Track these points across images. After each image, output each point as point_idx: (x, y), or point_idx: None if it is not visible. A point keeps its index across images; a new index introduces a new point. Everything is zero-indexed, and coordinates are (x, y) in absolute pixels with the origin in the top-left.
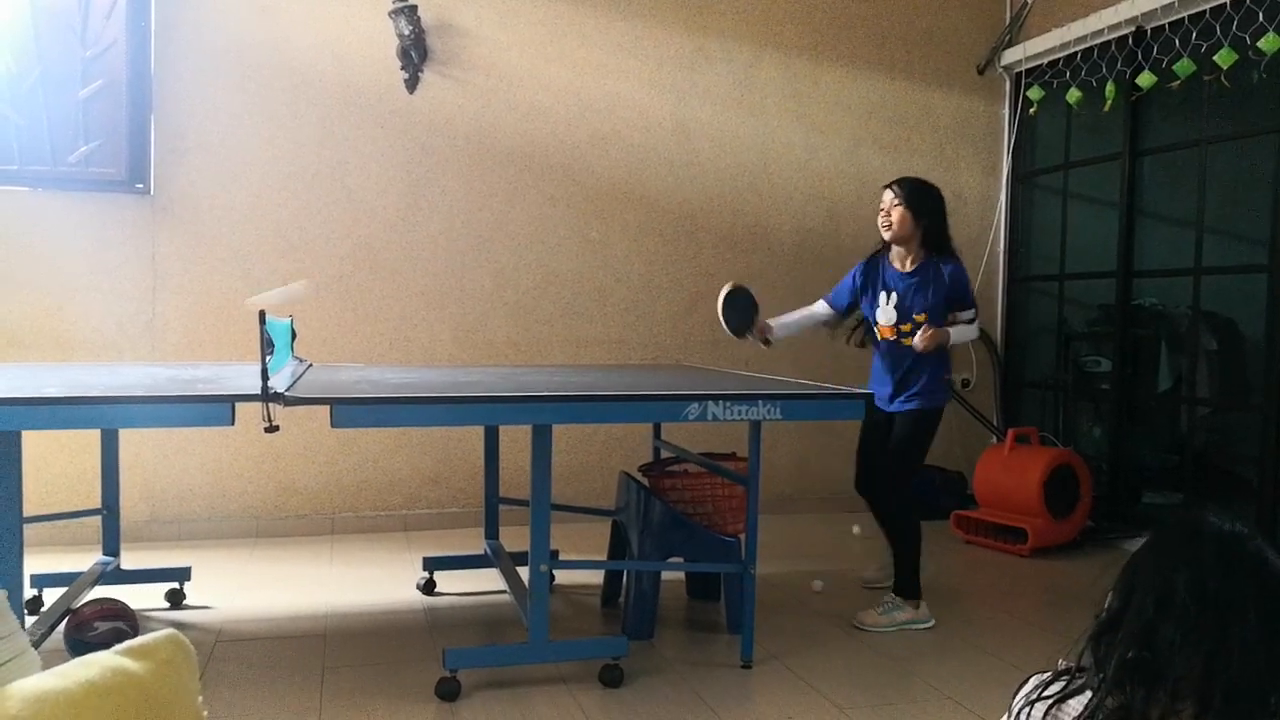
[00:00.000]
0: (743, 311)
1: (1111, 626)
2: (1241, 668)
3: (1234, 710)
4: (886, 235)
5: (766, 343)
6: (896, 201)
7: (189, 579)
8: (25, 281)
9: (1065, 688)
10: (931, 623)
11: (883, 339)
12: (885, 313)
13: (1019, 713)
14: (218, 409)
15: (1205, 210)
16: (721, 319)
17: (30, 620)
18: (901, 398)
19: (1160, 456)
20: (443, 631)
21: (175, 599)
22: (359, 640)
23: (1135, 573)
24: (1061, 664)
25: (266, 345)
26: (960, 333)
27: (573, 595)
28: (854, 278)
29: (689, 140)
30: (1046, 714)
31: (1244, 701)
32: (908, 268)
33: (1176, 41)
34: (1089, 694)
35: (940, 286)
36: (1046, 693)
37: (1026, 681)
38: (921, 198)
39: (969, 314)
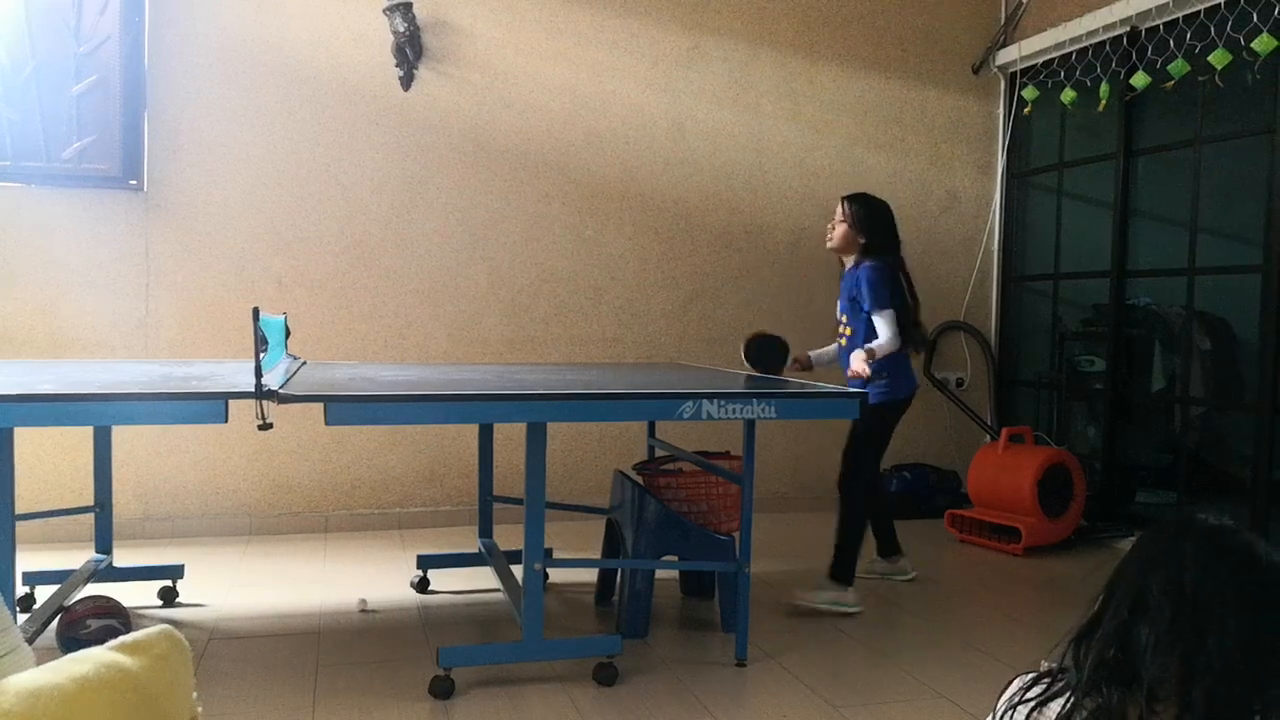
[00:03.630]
0: (770, 354)
1: (1092, 628)
2: (1222, 671)
3: (1216, 715)
4: (828, 246)
5: (807, 369)
6: (842, 219)
7: (182, 576)
8: (18, 278)
9: (1047, 690)
10: (858, 609)
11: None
12: (838, 318)
13: (1002, 716)
14: (211, 406)
15: (1199, 210)
16: (749, 364)
17: (23, 618)
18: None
19: (1154, 456)
20: (437, 630)
21: (168, 597)
22: (353, 638)
23: (1119, 573)
24: (1044, 665)
25: (260, 342)
26: (879, 346)
27: (567, 593)
28: None
29: (684, 138)
30: (1029, 717)
31: (1226, 706)
32: (845, 271)
33: (1171, 42)
34: (1070, 695)
35: (855, 287)
36: (1029, 695)
37: (1010, 683)
38: (866, 219)
39: (879, 316)
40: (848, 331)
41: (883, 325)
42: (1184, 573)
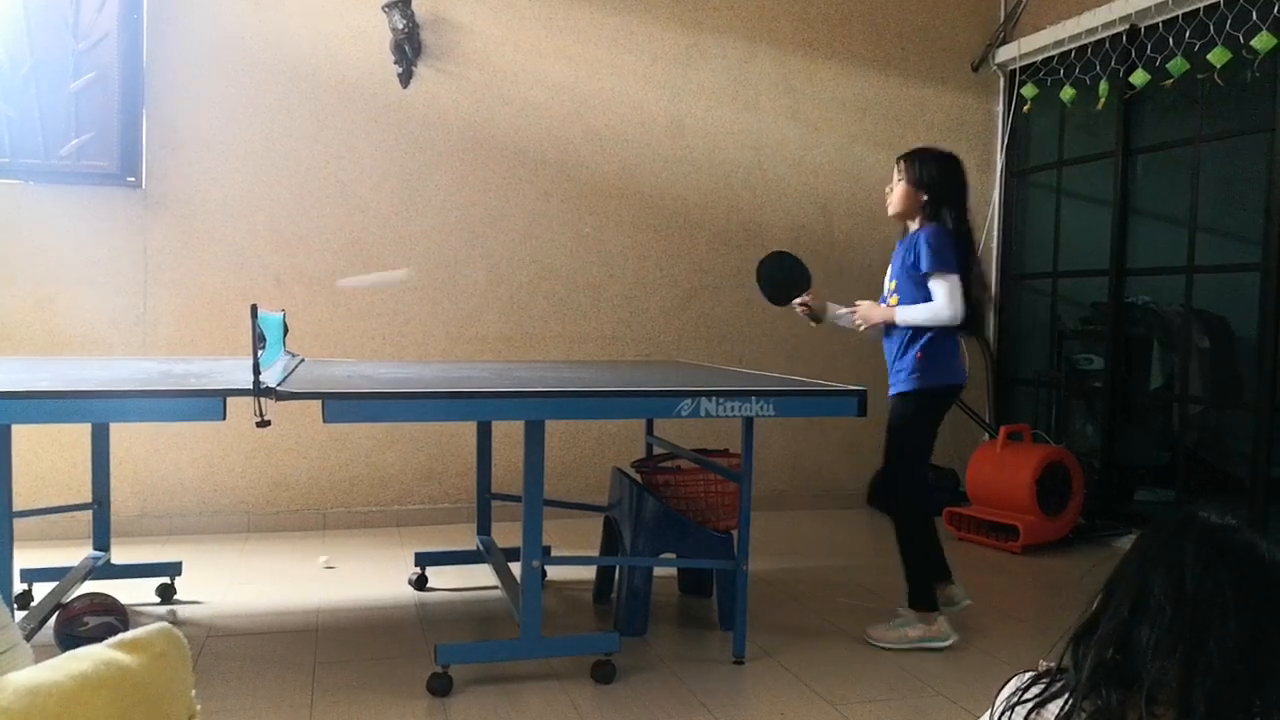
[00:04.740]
0: (784, 276)
1: (1091, 628)
2: (1223, 672)
3: (1216, 716)
4: (889, 211)
5: (815, 320)
6: (900, 177)
7: (180, 574)
8: (16, 274)
9: (1045, 690)
10: (949, 641)
11: None
12: (885, 287)
13: (1000, 715)
14: (209, 404)
15: (1198, 209)
16: (761, 280)
17: (20, 615)
18: (891, 381)
19: (1152, 454)
20: (435, 627)
21: (166, 594)
22: (351, 635)
23: (1118, 572)
24: (1042, 665)
25: (258, 340)
26: (910, 313)
27: (565, 591)
28: None
29: (683, 136)
30: (1027, 718)
31: (1227, 707)
32: (903, 238)
33: (1170, 40)
34: (1069, 696)
35: (911, 251)
36: (1027, 695)
37: (1007, 683)
38: (927, 171)
39: (938, 281)
40: (893, 301)
41: (940, 290)
42: (1185, 572)
